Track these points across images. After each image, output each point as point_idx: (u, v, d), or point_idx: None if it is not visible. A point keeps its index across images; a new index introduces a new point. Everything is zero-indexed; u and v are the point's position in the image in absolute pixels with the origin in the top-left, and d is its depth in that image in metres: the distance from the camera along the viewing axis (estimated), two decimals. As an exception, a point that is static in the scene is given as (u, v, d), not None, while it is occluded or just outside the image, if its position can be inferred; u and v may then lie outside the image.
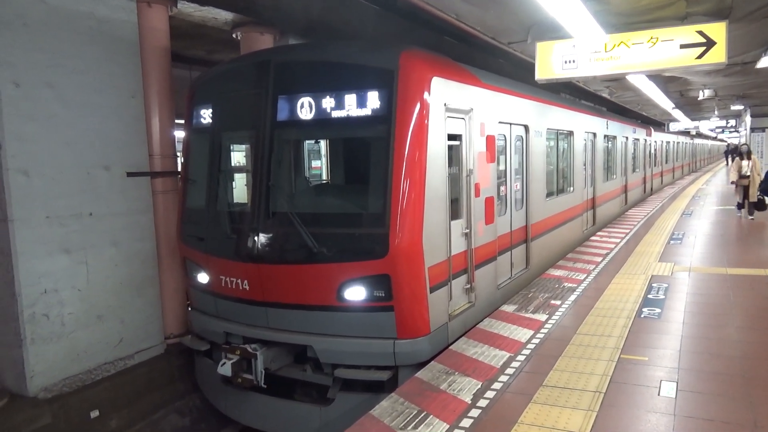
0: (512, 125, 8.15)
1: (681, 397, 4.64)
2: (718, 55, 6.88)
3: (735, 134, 35.48)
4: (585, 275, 8.95)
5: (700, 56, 6.95)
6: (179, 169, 7.74)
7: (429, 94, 5.74)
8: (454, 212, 6.43)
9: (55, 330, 6.27)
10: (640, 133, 20.38)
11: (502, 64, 11.21)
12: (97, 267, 6.69)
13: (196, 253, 6.73)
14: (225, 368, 5.95)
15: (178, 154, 7.97)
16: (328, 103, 5.80)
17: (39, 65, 6.04)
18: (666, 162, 28.69)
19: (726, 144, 58.91)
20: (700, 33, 6.92)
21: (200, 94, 6.93)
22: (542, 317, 6.85)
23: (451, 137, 6.25)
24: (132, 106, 7.09)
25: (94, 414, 6.50)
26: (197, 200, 6.83)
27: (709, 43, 6.88)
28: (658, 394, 4.69)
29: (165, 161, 7.61)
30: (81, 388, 6.50)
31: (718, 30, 6.86)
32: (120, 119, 6.91)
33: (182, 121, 7.31)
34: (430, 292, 5.78)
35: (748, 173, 13.88)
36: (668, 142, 29.31)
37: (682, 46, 7.03)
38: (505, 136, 7.94)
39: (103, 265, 6.76)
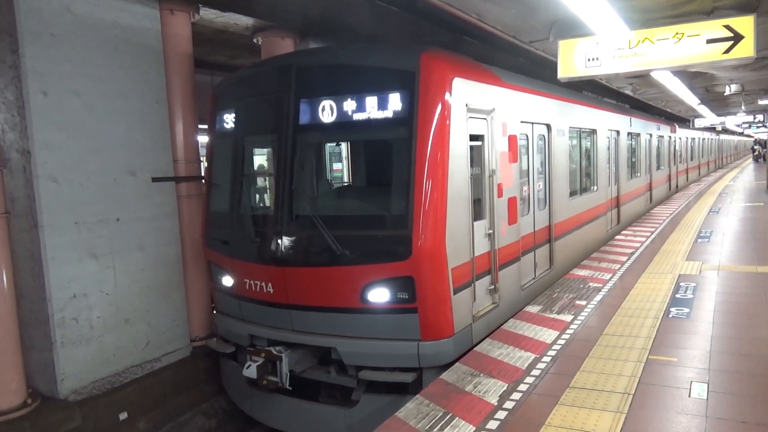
0: (534, 124, 8.09)
1: (712, 398, 4.54)
2: (746, 49, 6.73)
3: (763, 129, 34.69)
4: (610, 275, 8.83)
5: (727, 51, 6.81)
6: (203, 173, 7.83)
7: (450, 94, 5.72)
8: (477, 213, 6.39)
9: (84, 333, 6.38)
10: (665, 130, 20.06)
11: (523, 63, 11.12)
12: (124, 271, 6.80)
13: (221, 256, 6.80)
14: (250, 371, 6.00)
15: (202, 159, 8.06)
16: (349, 105, 5.82)
17: (66, 74, 6.16)
18: (691, 159, 28.20)
19: (753, 140, 57.67)
20: (727, 27, 6.77)
21: (223, 99, 7.00)
22: (567, 318, 6.77)
23: (473, 138, 6.22)
24: (156, 112, 7.19)
25: (123, 416, 6.61)
26: (221, 204, 6.90)
27: (737, 38, 6.73)
28: (689, 396, 4.60)
29: (189, 166, 7.70)
30: (110, 391, 6.61)
31: (745, 24, 6.71)
32: (145, 125, 7.02)
33: (205, 126, 7.39)
34: (454, 294, 5.76)
35: None
36: (693, 139, 28.81)
37: (709, 41, 6.90)
38: (527, 135, 7.88)
39: (129, 270, 6.87)
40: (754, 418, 4.20)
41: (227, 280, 6.74)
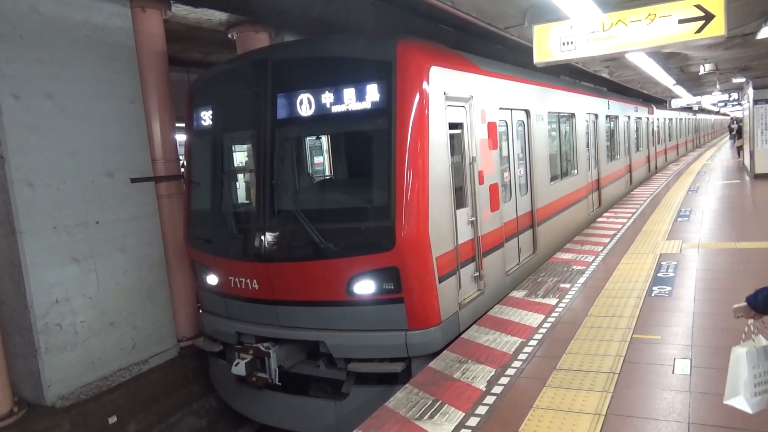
0: (513, 111, 8.12)
1: (695, 373, 4.63)
2: (717, 28, 6.78)
3: (738, 107, 35.20)
4: (593, 257, 8.93)
5: (699, 30, 6.86)
6: (182, 172, 7.75)
7: (428, 83, 5.71)
8: (459, 201, 6.41)
9: (68, 339, 6.31)
10: (642, 112, 20.26)
11: (500, 49, 11.13)
12: (106, 274, 6.72)
13: (204, 255, 6.75)
14: (239, 368, 5.99)
15: (181, 157, 7.98)
16: (327, 98, 5.78)
17: (37, 76, 6.04)
18: (669, 139, 28.54)
19: (731, 118, 58.49)
20: (698, 7, 6.81)
21: (199, 96, 6.92)
22: (552, 301, 6.85)
23: (452, 126, 6.23)
24: (132, 111, 7.09)
25: (112, 420, 6.56)
26: (202, 202, 6.84)
27: (708, 17, 6.78)
28: (673, 372, 4.69)
29: (168, 165, 7.62)
30: (98, 395, 6.56)
31: (716, 2, 6.76)
32: (121, 125, 6.93)
33: (183, 125, 7.31)
34: (439, 282, 5.78)
35: None
36: (671, 119, 29.14)
37: (681, 21, 6.94)
38: (506, 122, 7.91)
39: (112, 272, 6.80)
40: (736, 390, 4.28)
41: (212, 279, 6.70)
